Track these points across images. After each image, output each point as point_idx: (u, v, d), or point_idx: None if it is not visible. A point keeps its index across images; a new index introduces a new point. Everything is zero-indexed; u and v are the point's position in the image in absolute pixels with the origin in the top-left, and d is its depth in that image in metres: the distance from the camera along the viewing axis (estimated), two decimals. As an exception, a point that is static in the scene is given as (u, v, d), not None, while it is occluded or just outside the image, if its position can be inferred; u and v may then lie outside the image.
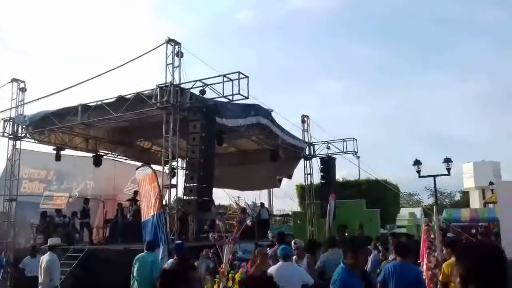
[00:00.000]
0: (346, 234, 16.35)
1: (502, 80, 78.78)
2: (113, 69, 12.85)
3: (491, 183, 27.41)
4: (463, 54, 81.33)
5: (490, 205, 25.56)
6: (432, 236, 7.34)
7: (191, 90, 12.12)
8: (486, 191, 34.57)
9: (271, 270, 5.77)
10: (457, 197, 51.86)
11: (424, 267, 6.84)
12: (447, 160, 20.09)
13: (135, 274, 8.36)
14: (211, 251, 8.87)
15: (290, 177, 19.97)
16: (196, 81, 11.99)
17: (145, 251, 8.61)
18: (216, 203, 21.27)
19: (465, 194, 46.67)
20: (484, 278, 1.86)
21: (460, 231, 18.85)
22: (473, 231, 20.97)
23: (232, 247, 6.26)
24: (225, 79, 11.35)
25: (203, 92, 11.90)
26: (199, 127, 11.33)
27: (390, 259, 7.29)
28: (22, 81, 15.22)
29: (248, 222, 9.14)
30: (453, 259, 4.65)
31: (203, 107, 11.72)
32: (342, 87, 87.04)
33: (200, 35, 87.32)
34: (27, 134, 15.32)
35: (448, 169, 20.21)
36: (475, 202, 38.87)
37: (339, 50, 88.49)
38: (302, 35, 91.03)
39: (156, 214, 9.65)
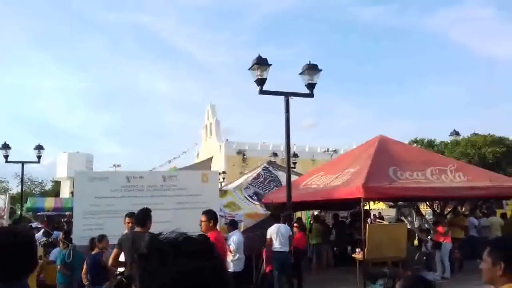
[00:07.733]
0: None
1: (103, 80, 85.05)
2: None
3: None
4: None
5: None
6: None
7: None
8: (76, 181, 36.04)
9: None
10: (49, 186, 51.74)
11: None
12: (39, 147, 19.51)
13: None
14: None
15: None
16: None
17: None
18: None
19: (57, 183, 47.03)
20: None
21: (46, 220, 18.48)
22: (63, 219, 20.90)
23: None
24: None
25: None
26: None
27: None
28: None
29: None
30: None
31: None
32: None
33: None
34: None
35: (39, 157, 19.67)
36: (66, 191, 39.80)
37: None
38: None
39: None
